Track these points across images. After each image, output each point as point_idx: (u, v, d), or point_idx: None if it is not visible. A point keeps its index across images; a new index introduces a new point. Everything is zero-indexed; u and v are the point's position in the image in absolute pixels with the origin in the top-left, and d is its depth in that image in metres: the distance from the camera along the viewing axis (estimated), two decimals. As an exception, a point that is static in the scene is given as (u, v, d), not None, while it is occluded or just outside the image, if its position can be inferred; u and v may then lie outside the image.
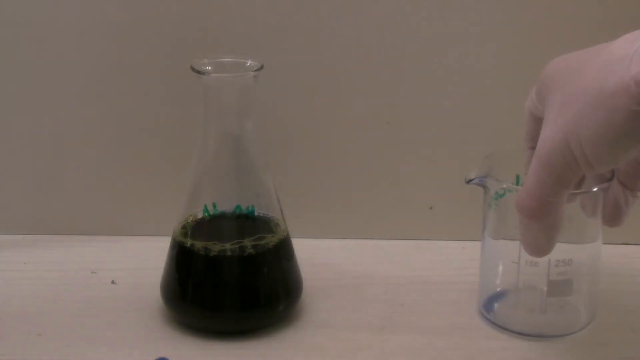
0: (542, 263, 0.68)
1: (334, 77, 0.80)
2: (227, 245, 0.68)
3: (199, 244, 0.69)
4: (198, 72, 0.66)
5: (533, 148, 0.61)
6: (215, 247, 0.68)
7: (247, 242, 0.69)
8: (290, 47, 0.79)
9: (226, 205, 0.69)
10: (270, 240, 0.69)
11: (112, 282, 0.76)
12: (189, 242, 0.69)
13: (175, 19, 0.78)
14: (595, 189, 0.68)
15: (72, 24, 0.79)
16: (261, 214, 0.70)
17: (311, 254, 0.76)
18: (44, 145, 0.82)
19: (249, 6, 0.78)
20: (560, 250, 0.68)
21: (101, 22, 0.79)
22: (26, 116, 0.81)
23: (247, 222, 0.70)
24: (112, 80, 0.80)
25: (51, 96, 0.80)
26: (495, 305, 0.72)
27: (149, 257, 0.76)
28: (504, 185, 0.68)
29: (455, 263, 0.79)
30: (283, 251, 0.70)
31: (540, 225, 0.60)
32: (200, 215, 0.70)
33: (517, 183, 0.70)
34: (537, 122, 0.62)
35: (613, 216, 0.66)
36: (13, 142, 0.82)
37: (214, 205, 0.69)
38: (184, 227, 0.70)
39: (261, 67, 0.67)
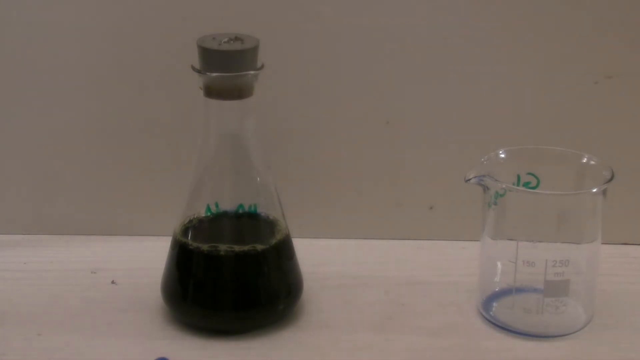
0: (539, 263, 0.68)
1: (333, 76, 0.80)
2: (229, 245, 0.68)
3: (200, 244, 0.69)
4: (198, 71, 0.66)
5: None
6: (217, 247, 0.68)
7: (248, 242, 0.69)
8: (290, 47, 0.79)
9: (227, 205, 0.69)
10: (272, 239, 0.69)
11: (112, 282, 0.76)
12: (190, 242, 0.69)
13: (176, 18, 0.78)
14: (595, 190, 0.68)
15: (71, 24, 0.79)
16: (263, 213, 0.70)
17: (311, 254, 0.76)
18: (44, 145, 0.82)
19: (249, 6, 0.78)
20: (558, 251, 0.68)
21: (101, 22, 0.79)
22: (26, 116, 0.81)
23: (249, 221, 0.70)
24: (112, 79, 0.80)
25: (51, 96, 0.80)
26: (494, 305, 0.72)
27: (149, 257, 0.76)
28: (504, 185, 0.68)
29: (455, 263, 0.79)
30: (283, 250, 0.70)
31: None
32: (202, 215, 0.70)
33: (518, 183, 0.70)
34: None
35: None
36: (13, 142, 0.82)
37: (217, 205, 0.69)
38: (185, 226, 0.70)
39: (261, 67, 0.67)
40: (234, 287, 0.69)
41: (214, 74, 0.66)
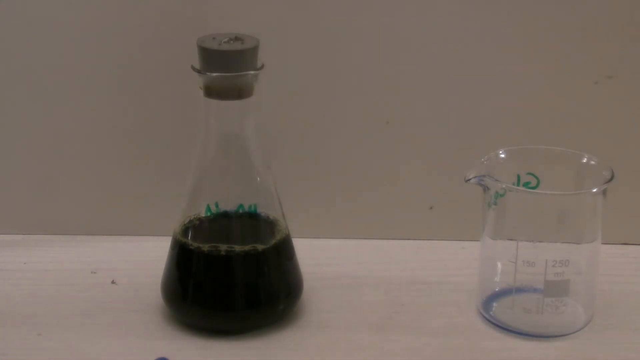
0: (539, 263, 0.68)
1: (334, 76, 0.80)
2: (229, 245, 0.68)
3: (200, 244, 0.69)
4: (198, 71, 0.66)
5: None
6: (217, 247, 0.68)
7: (248, 242, 0.69)
8: (290, 47, 0.79)
9: (228, 205, 0.69)
10: (272, 239, 0.69)
11: (112, 282, 0.76)
12: (190, 242, 0.69)
13: (176, 18, 0.78)
14: (595, 190, 0.68)
15: (72, 24, 0.79)
16: (263, 213, 0.70)
17: (311, 254, 0.76)
18: (44, 145, 0.82)
19: (249, 6, 0.78)
20: (558, 251, 0.68)
21: (101, 22, 0.79)
22: (26, 116, 0.81)
23: (249, 221, 0.70)
24: (112, 80, 0.80)
25: (51, 96, 0.80)
26: (494, 305, 0.72)
27: (149, 257, 0.76)
28: (504, 185, 0.68)
29: (455, 263, 0.79)
30: (283, 250, 0.70)
31: None
32: (202, 215, 0.70)
33: (518, 183, 0.70)
34: None
35: None
36: (13, 142, 0.82)
37: (217, 205, 0.69)
38: (185, 226, 0.70)
39: (261, 67, 0.67)
40: (234, 287, 0.69)
41: (214, 74, 0.66)
